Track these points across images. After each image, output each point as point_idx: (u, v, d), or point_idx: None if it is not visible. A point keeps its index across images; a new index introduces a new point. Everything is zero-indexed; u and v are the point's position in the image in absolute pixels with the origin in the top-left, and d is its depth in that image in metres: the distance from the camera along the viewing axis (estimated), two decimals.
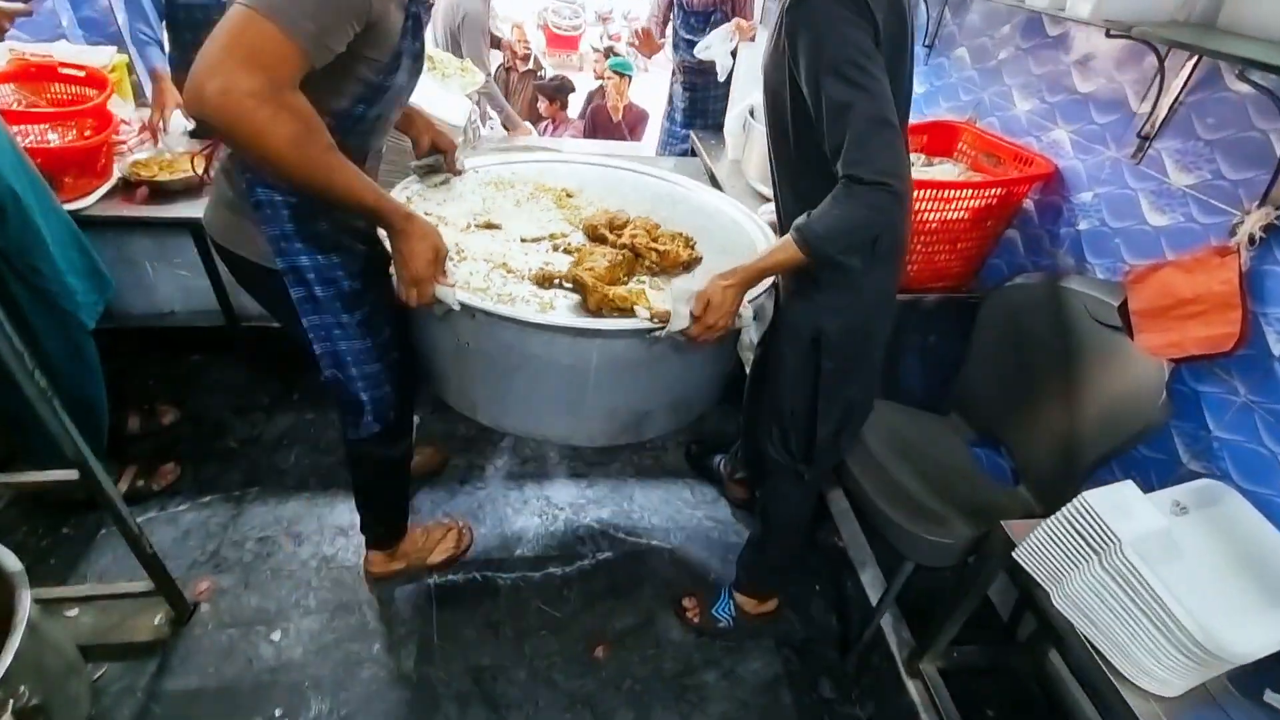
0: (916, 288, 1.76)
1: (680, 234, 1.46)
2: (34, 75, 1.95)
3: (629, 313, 1.19)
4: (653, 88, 5.54)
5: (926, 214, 1.59)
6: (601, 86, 4.78)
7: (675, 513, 2.08)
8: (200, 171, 1.67)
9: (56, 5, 2.35)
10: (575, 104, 4.86)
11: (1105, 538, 1.06)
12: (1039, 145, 1.70)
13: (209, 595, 1.71)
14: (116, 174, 1.97)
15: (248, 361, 2.37)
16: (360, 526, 1.71)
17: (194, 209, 1.92)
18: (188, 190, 1.98)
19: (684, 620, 1.76)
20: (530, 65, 4.82)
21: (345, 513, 1.96)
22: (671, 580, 1.88)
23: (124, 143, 2.10)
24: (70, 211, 1.78)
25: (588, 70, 11.36)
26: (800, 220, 1.12)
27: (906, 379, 2.02)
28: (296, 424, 2.26)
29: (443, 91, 2.03)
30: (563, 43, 10.55)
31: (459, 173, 1.62)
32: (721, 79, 2.76)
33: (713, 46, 2.66)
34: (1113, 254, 1.50)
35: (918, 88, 2.24)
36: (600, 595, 1.81)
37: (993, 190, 1.60)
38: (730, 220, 1.68)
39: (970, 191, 1.59)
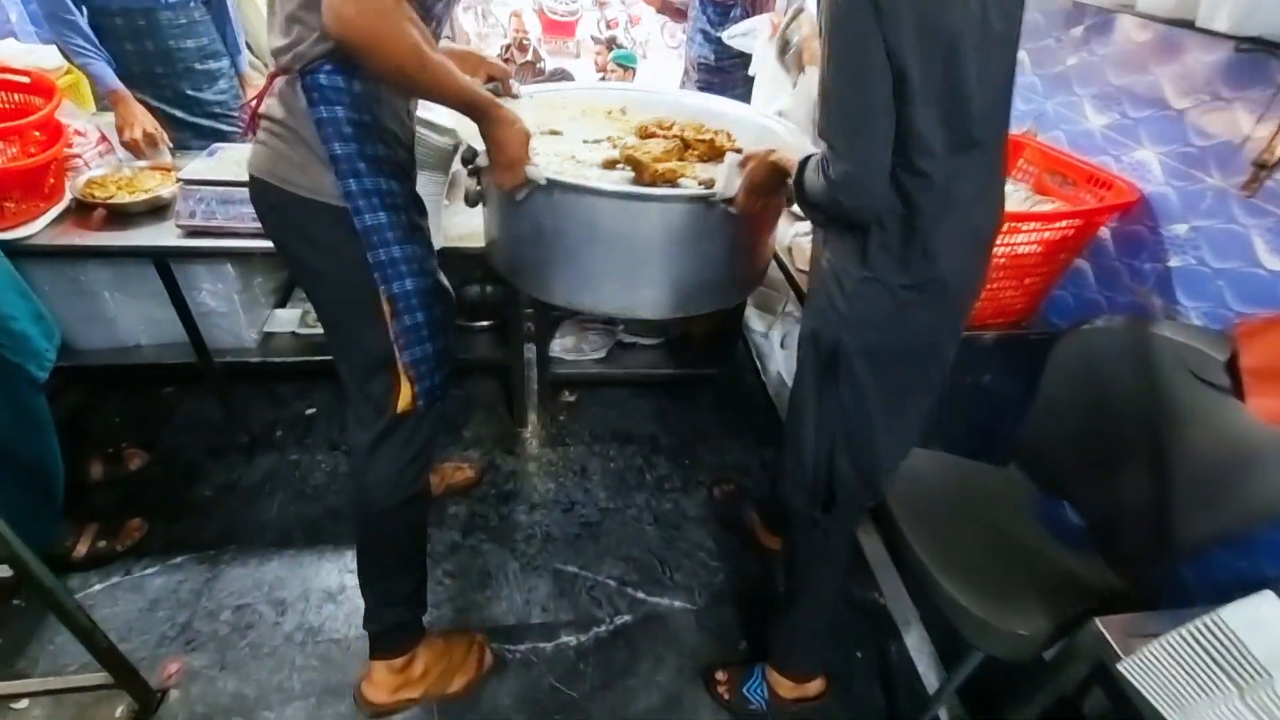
0: (974, 324, 1.57)
1: (720, 130, 1.61)
2: None
3: (674, 181, 1.37)
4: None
5: (994, 251, 1.38)
6: (604, 80, 4.55)
7: (699, 567, 1.89)
8: (248, 117, 1.48)
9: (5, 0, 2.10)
10: None
11: (1251, 670, 0.88)
12: (1118, 166, 1.49)
13: (179, 679, 1.51)
14: (68, 195, 1.74)
15: (223, 395, 2.15)
16: (365, 618, 1.39)
17: (159, 234, 1.71)
18: (152, 212, 1.76)
19: (715, 696, 1.57)
20: (529, 56, 4.58)
21: (333, 573, 1.76)
22: (698, 649, 1.69)
23: (78, 157, 1.86)
24: (11, 241, 1.57)
25: (585, 56, 11.06)
26: (815, 156, 1.04)
27: (954, 423, 1.83)
28: (279, 466, 2.05)
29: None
30: (559, 28, 10.22)
31: (516, 97, 1.66)
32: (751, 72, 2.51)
33: (749, 34, 2.37)
34: (1214, 298, 1.30)
35: None
36: (621, 669, 1.62)
37: (1070, 221, 1.40)
38: (763, 126, 1.77)
39: (1045, 224, 1.38)
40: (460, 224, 1.84)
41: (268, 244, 1.63)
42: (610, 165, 1.46)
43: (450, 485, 1.98)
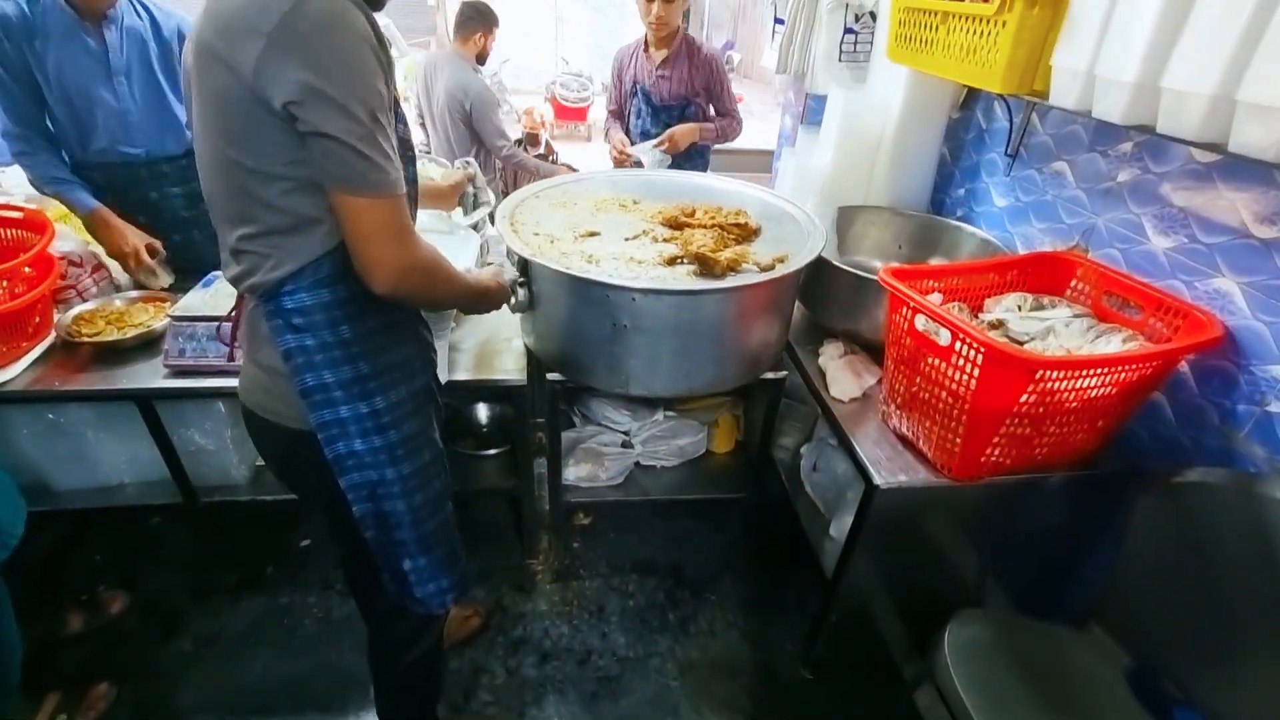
0: (1040, 468, 1.39)
1: (739, 210, 1.76)
2: None
3: (738, 268, 1.50)
4: None
5: (1065, 395, 1.22)
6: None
7: None
8: (228, 342, 1.43)
9: None
10: None
11: None
12: (1191, 294, 1.35)
13: None
14: (54, 333, 1.65)
15: (211, 531, 2.00)
16: None
17: (147, 374, 1.60)
18: (145, 345, 1.66)
19: None
20: (541, 149, 4.62)
21: None
22: None
23: (71, 288, 1.79)
24: None
25: (595, 138, 11.42)
26: None
27: (1015, 573, 1.63)
28: (266, 613, 1.87)
29: (444, 233, 1.72)
30: (571, 114, 10.57)
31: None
32: None
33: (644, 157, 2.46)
34: None
35: (999, 200, 1.93)
36: None
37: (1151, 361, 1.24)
38: (752, 196, 1.94)
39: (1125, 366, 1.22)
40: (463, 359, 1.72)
41: None
42: (672, 262, 1.53)
43: (456, 638, 1.79)
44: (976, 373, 1.22)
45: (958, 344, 1.24)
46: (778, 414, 1.85)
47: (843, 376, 1.68)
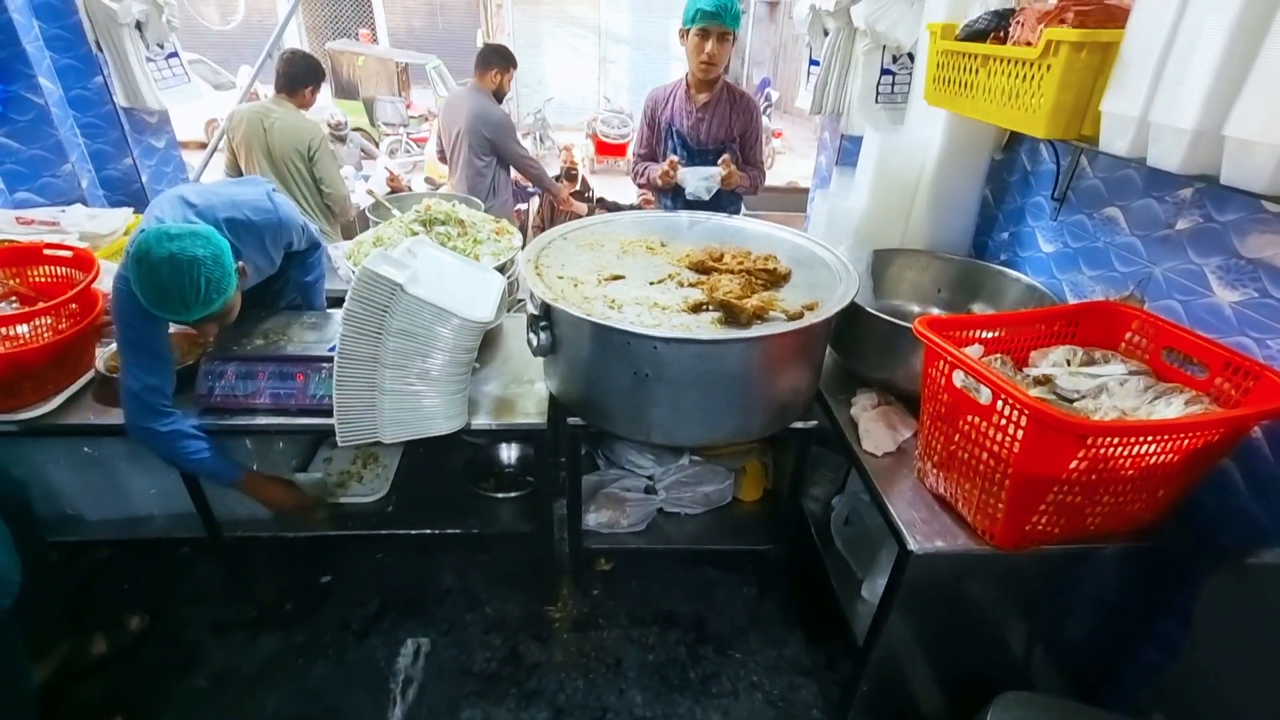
0: (1094, 538, 1.28)
1: (768, 255, 1.73)
2: (15, 258, 1.73)
3: (765, 316, 1.46)
4: None
5: (1120, 461, 1.13)
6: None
7: None
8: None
9: (78, 168, 2.20)
10: None
11: None
12: (1263, 353, 1.24)
13: None
14: (95, 367, 1.69)
15: (235, 565, 2.01)
16: None
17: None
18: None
19: None
20: (578, 186, 4.68)
21: None
22: None
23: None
24: (22, 421, 1.50)
25: None
26: None
27: (1067, 651, 1.50)
28: (281, 652, 1.85)
29: (469, 275, 1.69)
30: (611, 150, 10.79)
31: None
32: None
33: (690, 182, 2.32)
34: None
35: (1045, 245, 1.84)
36: None
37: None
38: (783, 239, 1.91)
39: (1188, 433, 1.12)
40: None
41: (288, 420, 1.53)
42: (697, 309, 1.50)
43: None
44: (1021, 435, 1.13)
45: (999, 403, 1.16)
46: (808, 464, 1.77)
47: (875, 429, 1.60)
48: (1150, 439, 1.10)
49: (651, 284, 1.62)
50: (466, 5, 13.88)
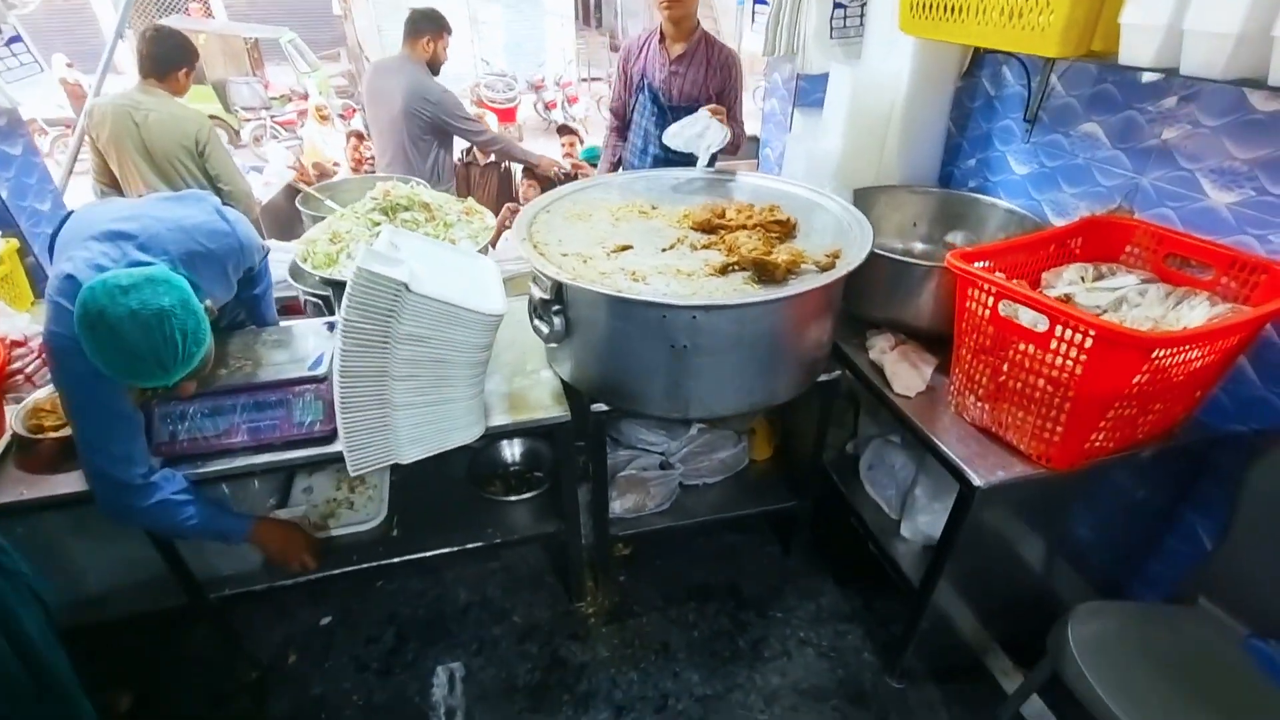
0: (1127, 445, 1.33)
1: (772, 205, 1.64)
2: None
3: (797, 270, 1.40)
4: None
5: (1173, 370, 1.16)
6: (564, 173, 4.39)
7: None
8: None
9: None
10: None
11: None
12: (1265, 249, 1.31)
13: None
14: (10, 429, 1.39)
15: (224, 625, 1.77)
16: None
17: None
18: None
19: None
20: (493, 157, 4.38)
21: None
22: None
23: (19, 374, 1.52)
24: None
25: (527, 138, 11.14)
26: None
27: (1108, 561, 1.59)
28: (299, 710, 1.66)
29: (462, 264, 1.50)
30: (499, 115, 10.26)
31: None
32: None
33: (685, 134, 2.01)
34: None
35: (1018, 168, 1.88)
36: None
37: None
38: (772, 189, 1.85)
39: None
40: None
41: (274, 456, 1.33)
42: (725, 271, 1.42)
43: None
44: (1084, 358, 1.15)
45: (1059, 329, 1.17)
46: (830, 418, 1.75)
47: (901, 370, 1.60)
48: (1203, 345, 1.15)
49: (664, 250, 1.52)
50: None
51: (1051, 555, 1.57)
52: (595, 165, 3.94)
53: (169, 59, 2.55)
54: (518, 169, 4.37)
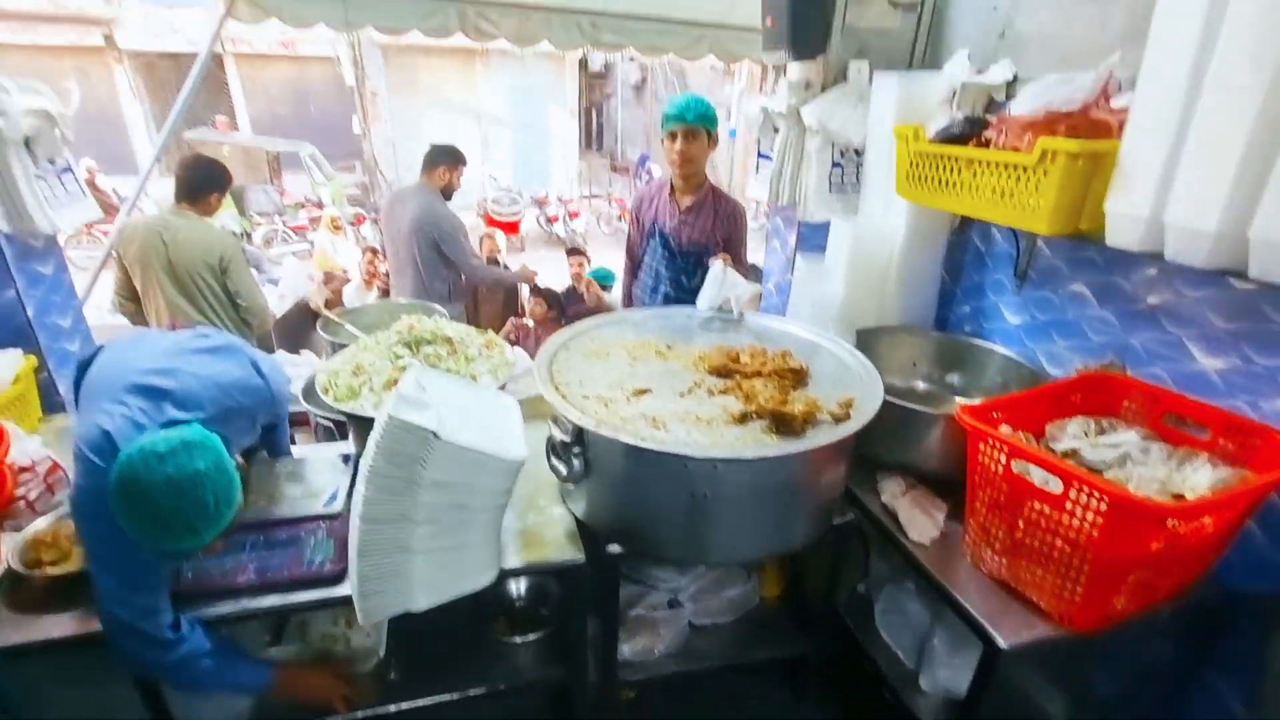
0: (1156, 606, 1.33)
1: (784, 352, 1.71)
2: None
3: (813, 420, 1.44)
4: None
5: (1188, 535, 1.19)
6: (576, 290, 4.58)
7: None
8: None
9: None
10: None
11: None
12: (1257, 414, 1.38)
13: None
14: (4, 560, 1.34)
15: None
16: None
17: None
18: None
19: None
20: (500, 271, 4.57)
21: None
22: None
23: (21, 499, 1.49)
24: None
25: (529, 249, 11.62)
26: None
27: (1123, 715, 1.54)
28: None
29: (486, 404, 1.51)
30: (504, 228, 10.74)
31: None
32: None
33: (710, 294, 2.01)
34: None
35: (1011, 317, 1.99)
36: None
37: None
38: (779, 331, 1.95)
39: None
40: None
41: (281, 598, 1.29)
42: (743, 419, 1.45)
43: None
44: (1100, 521, 1.17)
45: (1073, 491, 1.20)
46: (845, 561, 1.74)
47: (915, 516, 1.61)
48: (1215, 513, 1.18)
49: (682, 395, 1.56)
50: (338, 91, 13.56)
51: (1077, 714, 1.51)
52: (602, 284, 4.13)
53: (203, 185, 2.71)
54: (524, 285, 4.56)
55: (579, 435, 1.43)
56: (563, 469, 1.48)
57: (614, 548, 1.52)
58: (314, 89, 14.32)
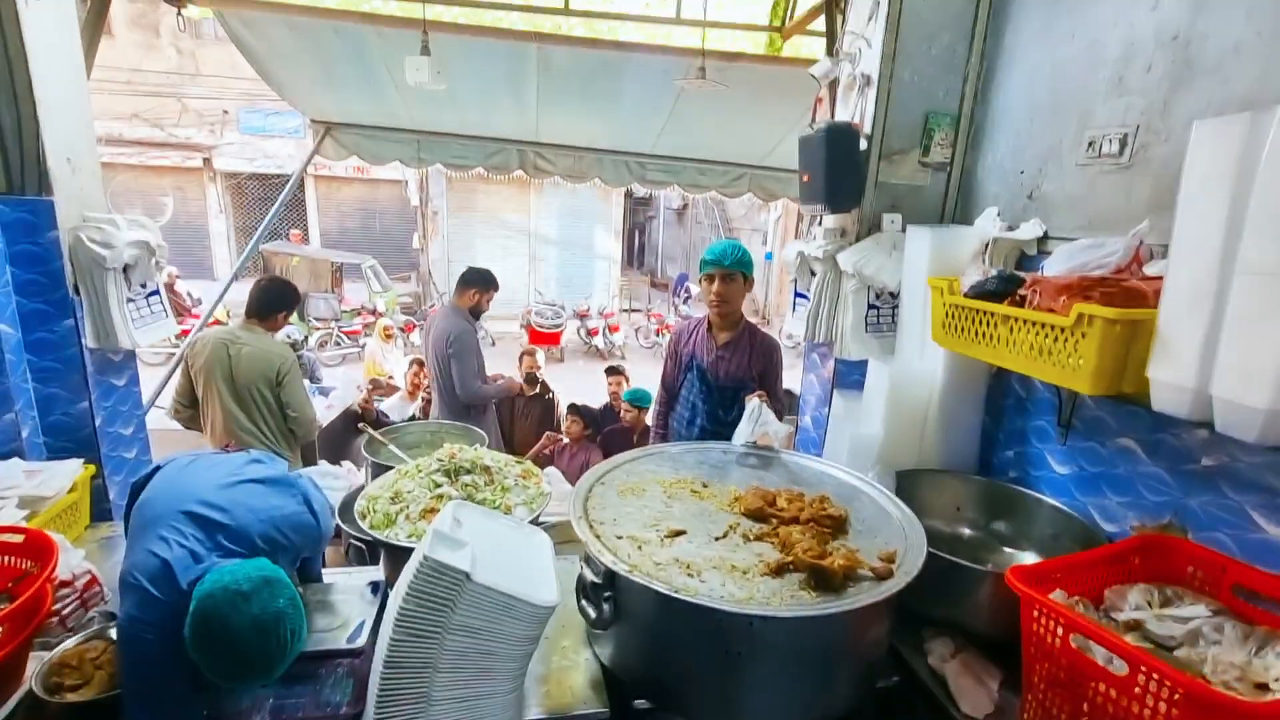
0: None
1: (822, 496, 1.69)
2: None
3: (854, 575, 1.39)
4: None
5: None
6: (613, 407, 4.64)
7: None
8: None
9: (21, 416, 1.93)
10: None
11: None
12: None
13: None
14: (28, 682, 1.34)
15: None
16: None
17: None
18: None
19: None
20: (538, 390, 4.67)
21: None
22: None
23: (55, 615, 1.50)
24: None
25: (568, 360, 11.92)
26: None
27: None
28: None
29: (519, 541, 1.50)
30: (545, 339, 11.17)
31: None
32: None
33: (745, 432, 2.05)
34: None
35: (1059, 467, 1.93)
36: None
37: None
38: (817, 471, 1.94)
39: None
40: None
41: None
42: (780, 571, 1.41)
43: None
44: (1175, 713, 1.07)
45: (1141, 677, 1.10)
46: None
47: (966, 685, 1.49)
48: None
49: (716, 540, 1.53)
50: (401, 210, 14.75)
51: None
52: (637, 406, 4.17)
53: (275, 305, 2.92)
54: (562, 402, 4.67)
55: (610, 579, 1.40)
56: (592, 612, 1.44)
57: (641, 703, 1.44)
58: (381, 207, 15.63)
